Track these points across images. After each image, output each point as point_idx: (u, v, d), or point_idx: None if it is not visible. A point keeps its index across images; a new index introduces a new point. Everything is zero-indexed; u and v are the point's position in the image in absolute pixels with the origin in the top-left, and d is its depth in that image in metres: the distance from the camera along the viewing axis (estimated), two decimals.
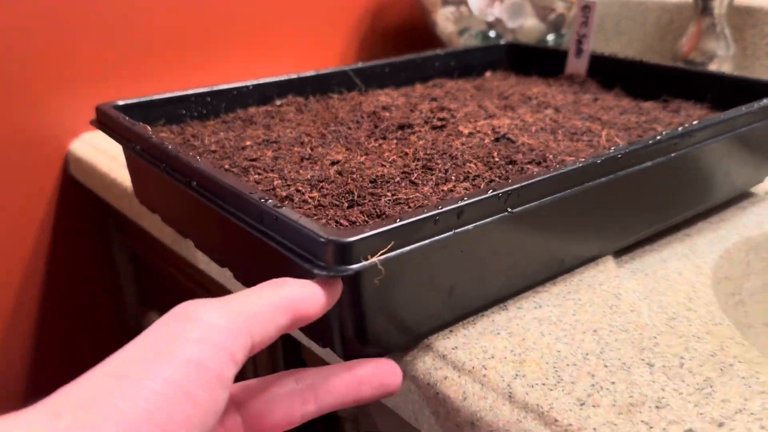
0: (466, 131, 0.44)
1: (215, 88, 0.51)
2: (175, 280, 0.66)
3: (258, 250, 0.34)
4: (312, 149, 0.44)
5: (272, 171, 0.41)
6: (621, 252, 0.41)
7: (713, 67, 0.63)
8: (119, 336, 0.76)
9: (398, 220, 0.28)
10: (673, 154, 0.39)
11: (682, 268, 0.40)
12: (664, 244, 0.42)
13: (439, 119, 0.47)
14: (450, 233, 0.30)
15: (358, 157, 0.42)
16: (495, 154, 0.40)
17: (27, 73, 0.63)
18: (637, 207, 0.40)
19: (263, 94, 0.54)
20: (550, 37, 0.74)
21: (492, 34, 0.72)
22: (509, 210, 0.32)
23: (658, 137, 0.38)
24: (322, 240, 0.27)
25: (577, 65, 0.62)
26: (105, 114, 0.45)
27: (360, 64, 0.59)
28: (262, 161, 0.42)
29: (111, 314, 0.76)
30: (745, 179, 0.48)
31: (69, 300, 0.72)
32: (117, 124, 0.43)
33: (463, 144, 0.42)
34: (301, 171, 0.40)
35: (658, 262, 0.40)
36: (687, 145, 0.40)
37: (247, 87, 0.53)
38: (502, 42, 0.69)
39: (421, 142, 0.43)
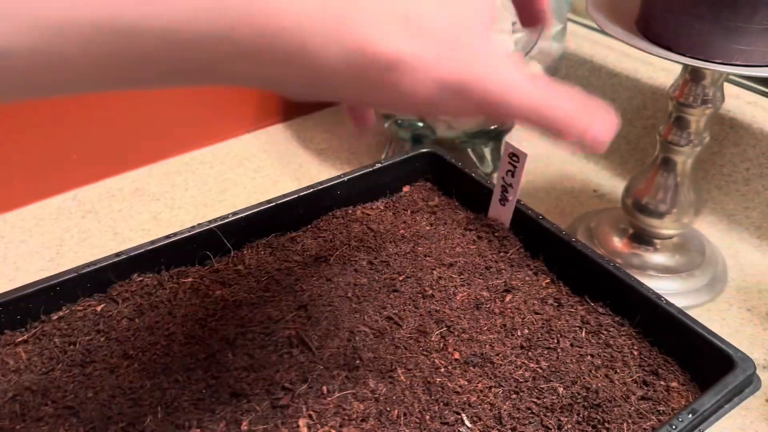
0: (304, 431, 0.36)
1: (32, 289, 0.42)
2: None
3: None
4: None
5: None
6: None
7: (670, 219, 0.52)
8: None
9: None
10: None
11: None
12: None
13: (284, 388, 0.38)
14: None
15: None
16: None
17: None
18: None
19: (96, 279, 0.44)
20: (493, 126, 0.62)
21: (420, 124, 0.60)
22: None
23: None
24: None
25: (500, 212, 0.52)
26: None
27: (231, 217, 0.49)
28: None
29: None
30: None
31: None
32: None
33: None
34: None
35: None
36: None
37: (75, 277, 0.43)
38: (424, 150, 0.57)
39: None
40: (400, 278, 0.47)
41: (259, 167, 0.69)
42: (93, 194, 0.63)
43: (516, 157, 0.49)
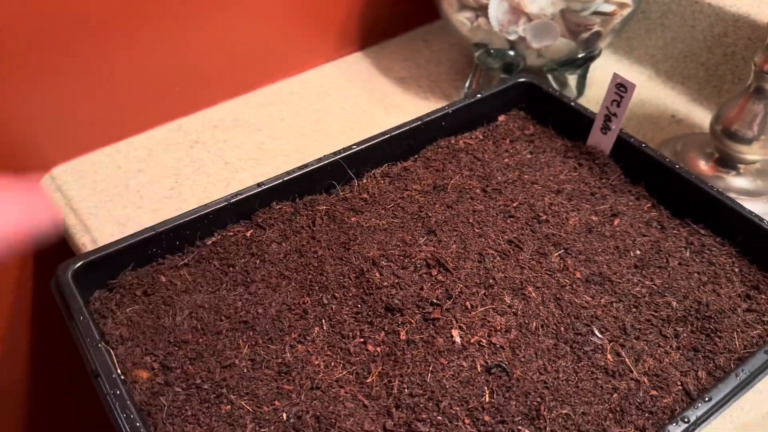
0: (458, 340, 0.40)
1: (188, 217, 0.46)
2: None
3: None
4: (291, 348, 0.41)
5: (246, 395, 0.38)
6: None
7: (758, 145, 0.55)
8: None
9: None
10: None
11: None
12: None
13: (433, 303, 0.42)
14: None
15: (339, 373, 0.39)
16: (486, 398, 0.38)
17: None
18: None
19: (242, 208, 0.48)
20: (581, 54, 0.63)
21: (512, 53, 0.62)
22: None
23: None
24: None
25: (600, 140, 0.55)
26: (60, 284, 0.41)
27: (354, 148, 0.52)
28: (236, 373, 0.39)
29: None
30: None
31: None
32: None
33: (453, 376, 0.39)
34: (276, 401, 0.38)
35: None
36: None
37: (225, 206, 0.47)
38: (521, 79, 0.60)
39: (408, 359, 0.40)
40: (514, 204, 0.51)
41: (346, 97, 0.71)
42: (196, 124, 0.66)
43: (624, 88, 0.51)
